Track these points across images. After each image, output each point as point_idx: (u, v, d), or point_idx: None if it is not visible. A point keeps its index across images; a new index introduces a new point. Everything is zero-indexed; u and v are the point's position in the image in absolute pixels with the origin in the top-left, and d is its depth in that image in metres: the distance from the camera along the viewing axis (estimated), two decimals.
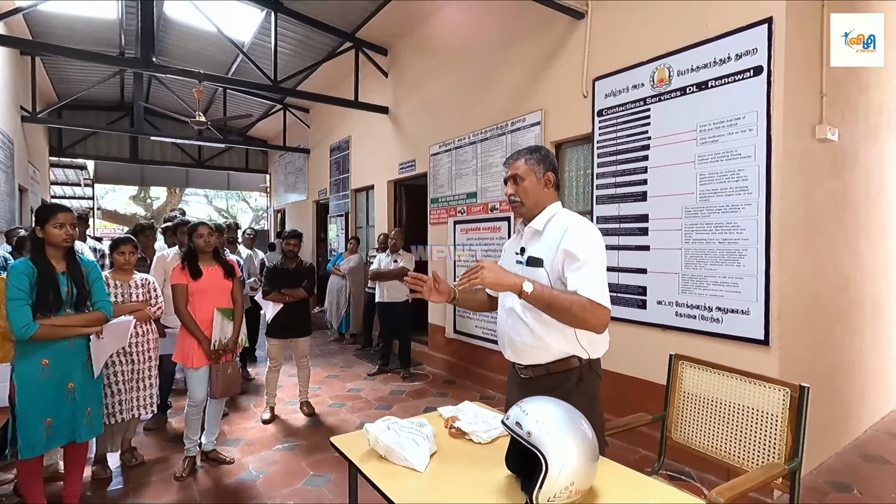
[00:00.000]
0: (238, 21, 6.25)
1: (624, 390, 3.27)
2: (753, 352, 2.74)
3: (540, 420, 1.17)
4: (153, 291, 3.13)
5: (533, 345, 1.59)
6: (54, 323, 2.21)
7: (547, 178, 1.67)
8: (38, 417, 2.20)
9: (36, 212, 2.29)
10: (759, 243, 2.72)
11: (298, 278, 3.95)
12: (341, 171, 7.98)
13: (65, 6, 5.68)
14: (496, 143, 4.65)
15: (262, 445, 3.45)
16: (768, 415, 1.75)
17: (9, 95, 6.33)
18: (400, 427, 1.49)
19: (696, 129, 3.00)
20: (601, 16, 3.62)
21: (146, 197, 20.32)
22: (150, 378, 3.08)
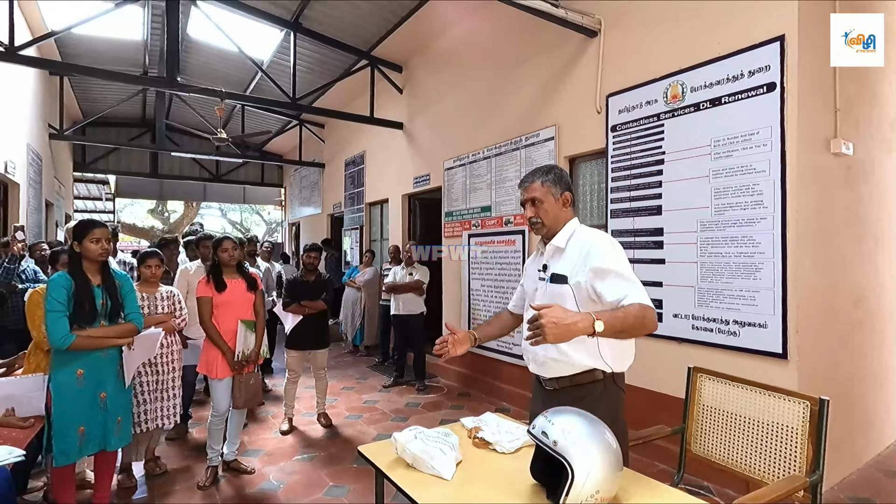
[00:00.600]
0: (258, 41, 6.45)
1: (640, 403, 3.26)
2: (772, 365, 2.75)
3: (565, 429, 1.21)
4: (178, 304, 3.23)
5: (557, 359, 1.63)
6: (90, 334, 2.30)
7: (565, 197, 1.72)
8: (72, 425, 2.28)
9: (74, 227, 2.40)
10: (775, 256, 2.74)
11: (317, 291, 4.02)
12: (356, 184, 8.11)
13: (92, 28, 5.91)
14: (510, 158, 4.72)
15: (281, 456, 3.50)
16: (788, 428, 1.76)
17: (38, 114, 6.58)
18: (426, 436, 1.53)
19: (711, 144, 3.04)
20: (614, 33, 3.70)
21: (164, 210, 20.71)
22: (174, 388, 3.16)
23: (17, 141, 5.42)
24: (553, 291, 1.65)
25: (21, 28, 5.27)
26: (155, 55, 7.01)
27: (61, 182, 8.69)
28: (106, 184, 12.62)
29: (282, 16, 5.78)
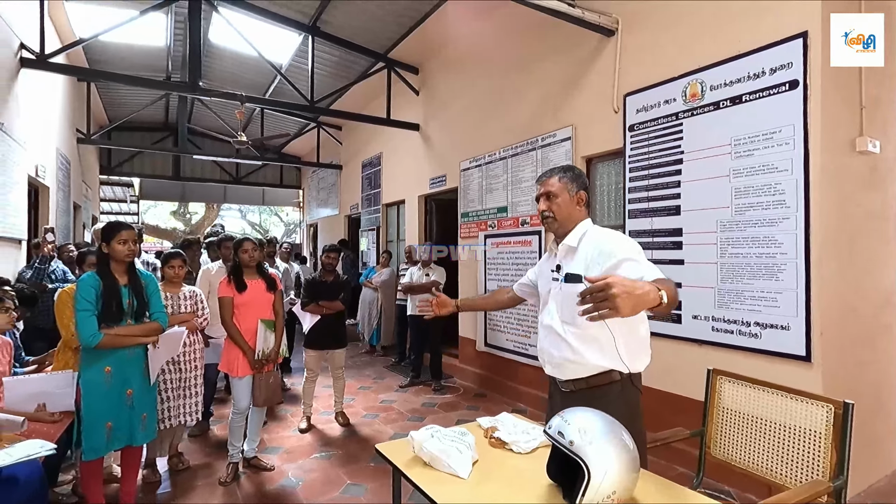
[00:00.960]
0: (277, 45, 6.55)
1: (657, 405, 3.23)
2: (794, 368, 2.69)
3: (582, 429, 1.22)
4: (200, 303, 3.30)
5: (572, 360, 1.63)
6: (117, 333, 2.37)
7: (579, 196, 1.73)
8: (100, 421, 2.36)
9: (102, 229, 2.48)
10: (797, 257, 2.69)
11: (335, 291, 4.08)
12: (373, 186, 8.18)
13: (117, 35, 6.08)
14: (526, 159, 4.71)
15: (300, 454, 3.55)
16: (812, 432, 1.73)
17: (67, 120, 6.79)
18: (443, 435, 1.55)
19: (731, 143, 2.99)
20: (631, 32, 3.67)
21: (185, 212, 21.17)
22: (196, 386, 3.24)
23: (47, 145, 5.60)
24: (568, 291, 1.65)
25: (51, 36, 5.45)
26: (178, 60, 7.18)
27: (88, 185, 8.95)
28: (130, 186, 12.96)
29: (300, 20, 5.86)
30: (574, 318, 1.61)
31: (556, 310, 1.71)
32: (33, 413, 2.45)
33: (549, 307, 1.75)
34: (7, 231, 4.11)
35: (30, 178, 4.86)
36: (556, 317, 1.69)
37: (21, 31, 4.48)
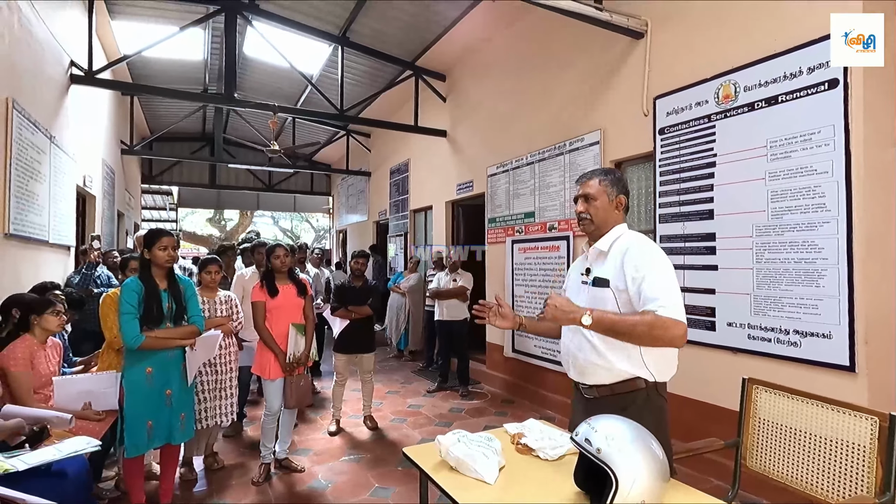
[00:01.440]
0: (308, 56, 6.73)
1: (689, 414, 3.15)
2: (837, 378, 2.58)
3: (609, 437, 1.21)
4: (235, 308, 3.41)
5: (597, 363, 1.61)
6: (157, 335, 2.48)
7: (619, 200, 1.71)
8: (142, 420, 2.47)
9: (144, 236, 2.60)
10: (839, 263, 2.58)
11: (364, 296, 4.14)
12: (401, 192, 8.27)
13: (158, 50, 6.37)
14: (554, 164, 4.68)
15: (329, 456, 3.61)
16: (855, 445, 1.66)
17: (112, 132, 7.15)
18: (470, 440, 1.56)
19: (766, 144, 2.91)
20: (661, 34, 3.61)
21: (220, 219, 21.87)
22: (231, 388, 3.33)
23: (94, 156, 5.91)
24: (595, 295, 1.64)
25: (98, 53, 5.76)
26: (214, 73, 7.46)
27: (131, 194, 9.38)
28: (170, 194, 13.50)
29: (330, 31, 6.01)
30: None
31: None
32: (80, 411, 2.58)
33: None
34: (57, 238, 4.35)
35: (78, 187, 5.13)
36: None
37: (70, 48, 4.75)
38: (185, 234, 19.84)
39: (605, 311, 1.53)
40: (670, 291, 1.49)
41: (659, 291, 1.48)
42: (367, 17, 5.60)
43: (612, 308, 1.58)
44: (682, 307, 1.49)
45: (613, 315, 1.52)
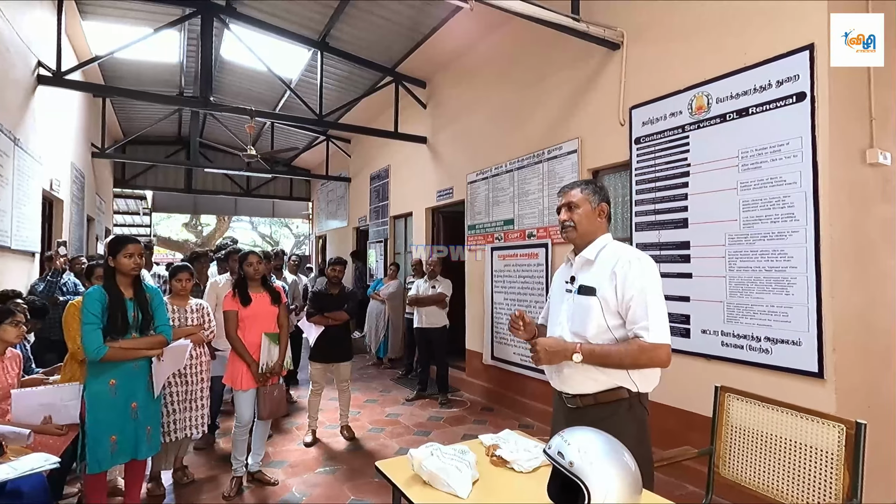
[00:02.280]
0: (287, 60, 6.66)
1: (666, 421, 3.18)
2: (807, 385, 2.63)
3: (582, 450, 1.19)
4: (206, 316, 3.32)
5: (581, 373, 1.60)
6: (122, 346, 2.39)
7: (601, 208, 1.72)
8: (104, 434, 2.37)
9: (108, 243, 2.51)
10: (808, 271, 2.64)
11: (341, 303, 4.07)
12: (381, 198, 8.22)
13: (132, 52, 6.22)
14: (533, 171, 4.71)
15: (304, 468, 3.53)
16: (823, 452, 1.68)
17: (82, 134, 6.94)
18: (443, 453, 1.53)
19: (738, 155, 2.97)
20: (637, 46, 3.67)
21: (197, 224, 21.43)
22: (202, 399, 3.23)
23: (62, 159, 5.72)
24: (580, 303, 1.64)
25: (68, 53, 5.59)
26: (190, 76, 7.32)
27: (102, 198, 9.11)
28: (143, 199, 13.17)
29: (310, 36, 5.96)
30: (585, 328, 1.61)
31: (566, 320, 1.69)
32: (40, 425, 2.46)
33: (559, 318, 1.73)
34: (21, 244, 4.19)
35: (44, 191, 4.95)
36: (566, 327, 1.67)
37: (39, 49, 4.60)
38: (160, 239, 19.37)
39: (592, 347, 1.57)
40: (658, 313, 1.53)
41: (647, 313, 1.52)
42: (346, 22, 5.57)
43: (598, 317, 1.59)
44: (667, 328, 1.54)
45: (600, 350, 1.55)
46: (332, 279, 4.12)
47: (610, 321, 1.58)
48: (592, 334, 1.60)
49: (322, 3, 5.28)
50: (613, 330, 1.58)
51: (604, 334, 1.59)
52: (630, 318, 1.54)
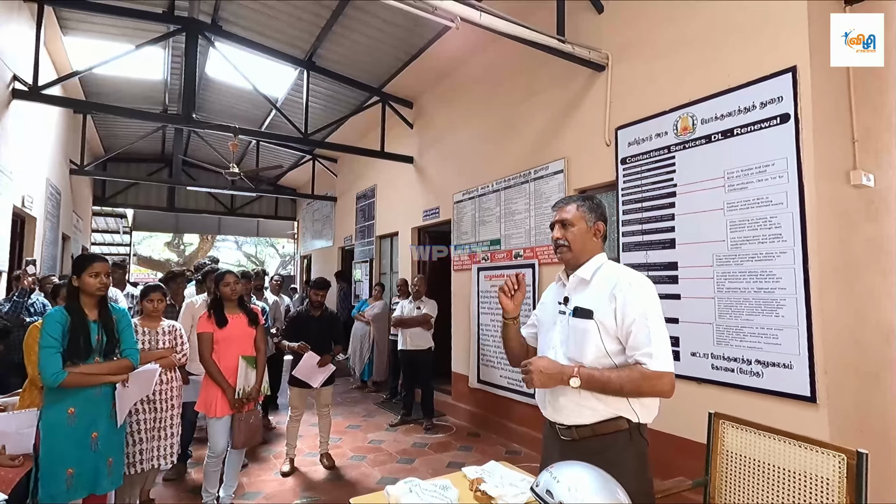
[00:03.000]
0: (273, 79, 6.63)
1: (657, 447, 3.05)
2: (800, 409, 2.57)
3: (572, 488, 1.10)
4: (179, 338, 3.16)
5: (578, 402, 1.49)
6: (82, 371, 2.23)
7: (597, 227, 1.64)
8: (60, 467, 2.19)
9: (73, 261, 2.38)
10: (797, 292, 2.60)
11: (324, 327, 3.94)
12: (367, 218, 8.14)
13: (115, 69, 6.14)
14: (519, 191, 4.68)
15: (280, 500, 3.35)
16: (824, 481, 1.61)
17: (60, 151, 6.78)
18: (423, 489, 1.42)
19: (724, 175, 2.96)
20: (622, 67, 3.69)
21: (179, 243, 21.06)
22: (173, 427, 3.06)
23: (36, 176, 5.55)
24: (576, 326, 1.54)
25: (48, 68, 5.48)
26: (174, 93, 7.24)
27: (80, 216, 8.87)
28: (124, 217, 12.89)
29: (296, 55, 5.94)
30: (582, 354, 1.50)
31: (559, 344, 1.58)
32: None
33: (552, 341, 1.61)
34: None
35: (15, 208, 4.78)
36: (560, 352, 1.56)
37: (15, 63, 4.49)
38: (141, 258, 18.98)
39: (591, 371, 1.46)
40: (661, 340, 1.44)
41: (650, 339, 1.42)
42: (333, 41, 5.57)
43: (595, 340, 1.49)
44: (670, 355, 1.44)
45: (600, 375, 1.45)
46: (314, 303, 3.98)
47: (608, 346, 1.48)
48: (590, 360, 1.49)
49: (309, 23, 5.27)
50: (613, 356, 1.48)
51: (602, 359, 1.49)
52: (631, 343, 1.45)
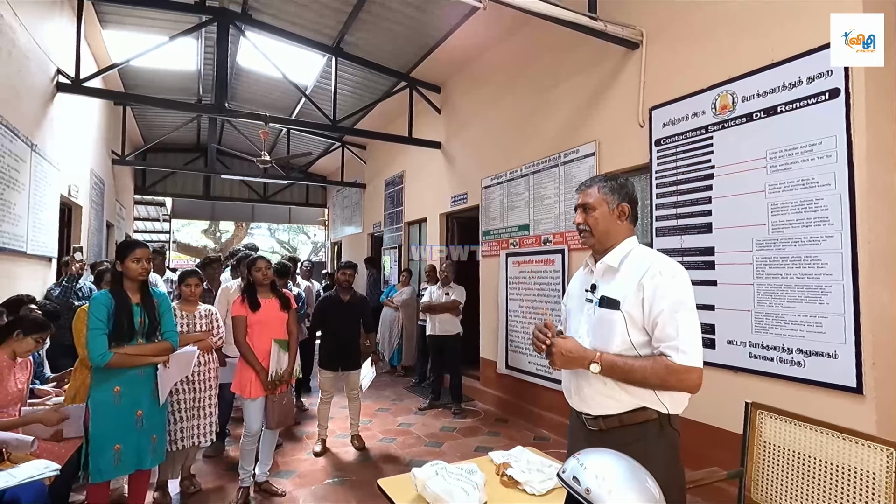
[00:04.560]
0: (302, 67, 6.68)
1: (688, 437, 2.97)
2: (844, 401, 2.45)
3: (600, 475, 1.08)
4: (215, 322, 3.27)
5: (604, 392, 1.45)
6: (127, 352, 2.34)
7: (621, 208, 1.55)
8: (108, 443, 2.31)
9: (116, 248, 2.48)
10: (844, 279, 2.47)
11: (353, 311, 4.00)
12: (395, 204, 8.18)
13: (151, 60, 6.31)
14: (549, 175, 4.59)
15: (312, 479, 3.45)
16: (869, 475, 1.53)
17: (102, 141, 7.06)
18: (449, 473, 1.42)
19: (766, 156, 2.82)
20: (657, 45, 3.55)
21: (216, 231, 21.74)
22: (211, 406, 3.18)
23: (81, 166, 5.80)
24: (602, 317, 1.48)
25: (88, 61, 5.68)
26: (208, 84, 7.40)
27: (122, 204, 9.25)
28: (163, 205, 13.37)
29: (324, 42, 5.96)
30: (608, 345, 1.45)
31: (586, 334, 1.52)
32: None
33: (579, 330, 1.55)
34: (37, 249, 4.22)
35: (63, 197, 5.01)
36: (586, 342, 1.50)
37: (58, 57, 4.67)
38: (180, 245, 19.69)
39: (614, 359, 1.40)
40: (690, 332, 1.36)
41: (678, 331, 1.35)
42: (360, 28, 5.55)
43: (621, 332, 1.43)
44: (699, 349, 1.37)
45: (623, 364, 1.39)
46: (342, 284, 4.05)
47: (635, 338, 1.42)
48: (616, 352, 1.44)
49: (336, 9, 5.27)
50: (639, 348, 1.42)
51: (628, 351, 1.43)
52: (657, 335, 1.38)
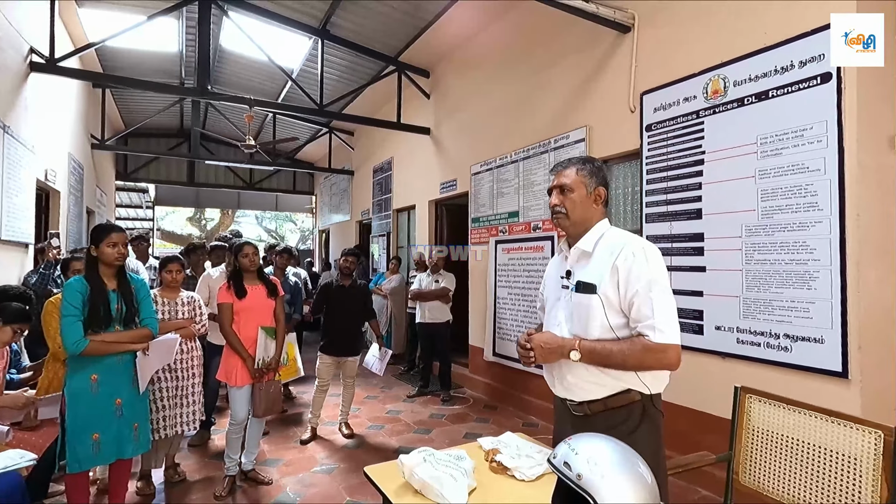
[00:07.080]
0: (287, 50, 6.52)
1: (676, 422, 3.01)
2: (830, 385, 2.47)
3: (592, 460, 1.05)
4: (198, 309, 3.20)
5: (587, 378, 1.44)
6: (103, 339, 2.26)
7: (598, 192, 1.54)
8: (86, 432, 2.25)
9: (91, 231, 2.39)
10: (832, 264, 2.47)
11: (354, 297, 3.97)
12: (384, 191, 8.09)
13: (132, 41, 6.10)
14: (539, 161, 4.55)
15: (300, 467, 3.42)
16: (856, 459, 1.53)
17: (81, 125, 6.84)
18: (437, 460, 1.39)
19: (757, 141, 2.80)
20: (648, 28, 3.50)
21: (201, 218, 21.41)
22: (195, 394, 3.12)
23: (58, 150, 5.61)
24: (579, 302, 1.47)
25: (64, 41, 5.47)
26: (190, 66, 7.19)
27: (103, 190, 9.02)
28: (146, 192, 13.09)
29: (310, 23, 5.81)
30: (587, 330, 1.44)
31: (564, 320, 1.51)
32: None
33: (557, 317, 1.54)
34: (12, 235, 4.08)
35: (39, 182, 4.85)
36: (565, 329, 1.50)
37: (32, 36, 4.48)
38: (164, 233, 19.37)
39: (592, 344, 1.41)
40: (666, 310, 1.36)
41: (653, 310, 1.35)
42: (347, 9, 5.42)
43: (599, 316, 1.43)
44: (676, 327, 1.37)
45: (601, 348, 1.40)
46: (343, 270, 4.00)
47: (613, 320, 1.42)
48: (595, 337, 1.44)
49: None
50: (617, 330, 1.42)
51: (608, 335, 1.43)
52: (634, 315, 1.38)
